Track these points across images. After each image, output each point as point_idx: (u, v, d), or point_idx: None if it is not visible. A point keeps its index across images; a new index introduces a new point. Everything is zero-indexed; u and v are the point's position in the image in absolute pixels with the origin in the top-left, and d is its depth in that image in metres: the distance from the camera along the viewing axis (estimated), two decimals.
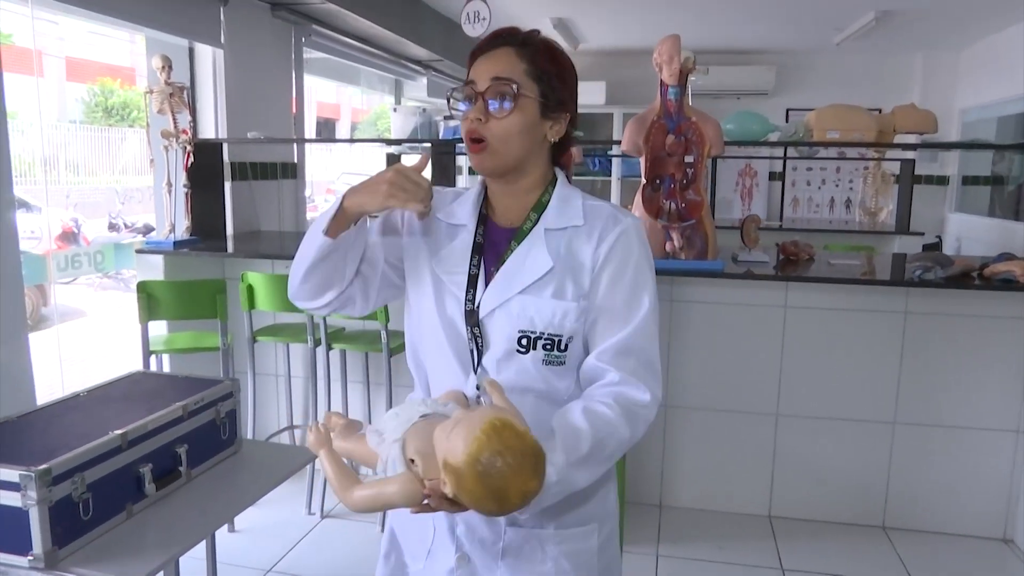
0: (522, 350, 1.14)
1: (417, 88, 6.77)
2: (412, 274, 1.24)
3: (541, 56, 1.17)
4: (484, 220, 1.23)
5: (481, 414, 0.95)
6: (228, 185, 3.93)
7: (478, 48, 1.18)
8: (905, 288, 2.94)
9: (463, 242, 1.21)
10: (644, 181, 2.94)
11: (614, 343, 1.14)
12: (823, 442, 3.10)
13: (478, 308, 1.16)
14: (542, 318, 1.13)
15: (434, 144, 4.04)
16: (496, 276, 1.16)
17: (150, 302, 3.02)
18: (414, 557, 1.26)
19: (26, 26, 3.49)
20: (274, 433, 3.47)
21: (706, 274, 2.97)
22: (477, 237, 1.21)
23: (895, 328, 2.99)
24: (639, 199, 2.95)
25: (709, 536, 3.02)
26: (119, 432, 1.45)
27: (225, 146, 3.87)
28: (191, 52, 3.88)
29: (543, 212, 1.19)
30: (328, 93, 12.10)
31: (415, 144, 4.54)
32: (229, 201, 3.93)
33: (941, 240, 5.97)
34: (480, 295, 1.16)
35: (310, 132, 7.29)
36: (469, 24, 3.81)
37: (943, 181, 6.87)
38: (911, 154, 5.34)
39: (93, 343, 5.96)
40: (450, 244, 1.22)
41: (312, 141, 5.39)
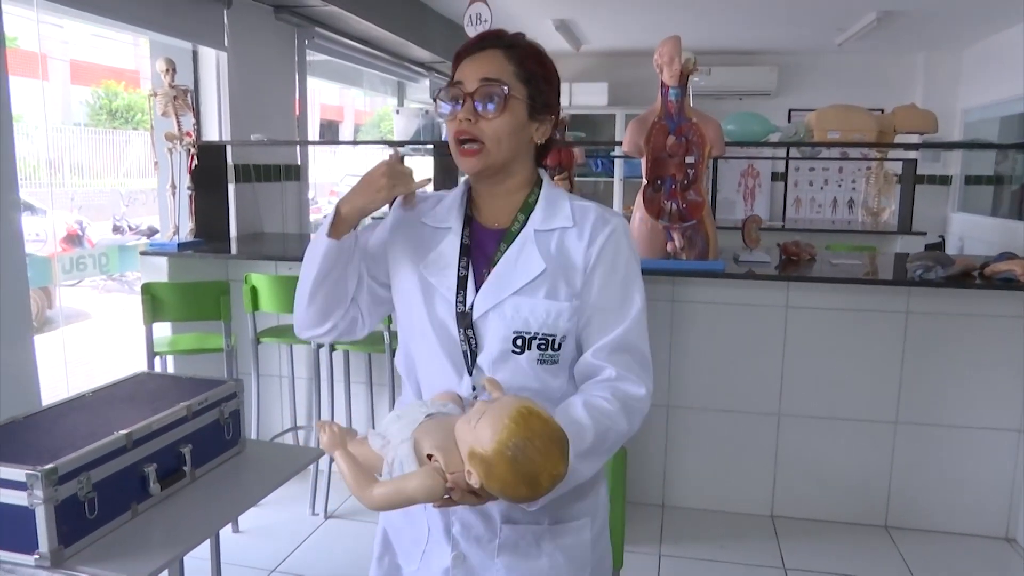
0: (517, 351, 1.15)
1: (420, 90, 6.79)
2: (399, 280, 1.24)
3: (529, 59, 1.18)
4: (469, 222, 1.24)
5: (506, 403, 0.96)
6: (232, 187, 3.95)
7: (464, 50, 1.19)
8: (907, 288, 2.94)
9: (450, 244, 1.21)
10: (645, 182, 2.95)
11: (609, 341, 1.16)
12: (825, 442, 3.11)
13: (471, 310, 1.16)
14: (536, 319, 1.14)
15: (436, 145, 4.06)
16: (489, 278, 1.17)
17: (154, 304, 3.04)
18: (408, 558, 1.26)
19: (31, 29, 3.52)
20: (278, 434, 3.48)
21: (707, 274, 2.98)
22: (464, 239, 1.22)
23: (896, 328, 2.99)
24: (640, 200, 2.97)
25: (711, 536, 3.02)
26: (124, 432, 1.46)
27: (229, 148, 3.89)
28: (195, 55, 3.90)
29: (530, 213, 1.21)
30: (331, 95, 12.11)
31: (418, 145, 4.55)
32: (233, 203, 3.96)
33: (944, 240, 5.96)
34: (471, 297, 1.17)
35: (313, 134, 7.30)
36: (472, 26, 3.81)
37: (946, 181, 6.87)
38: (913, 154, 5.34)
39: (98, 345, 5.98)
40: (437, 247, 1.22)
41: (315, 143, 5.42)
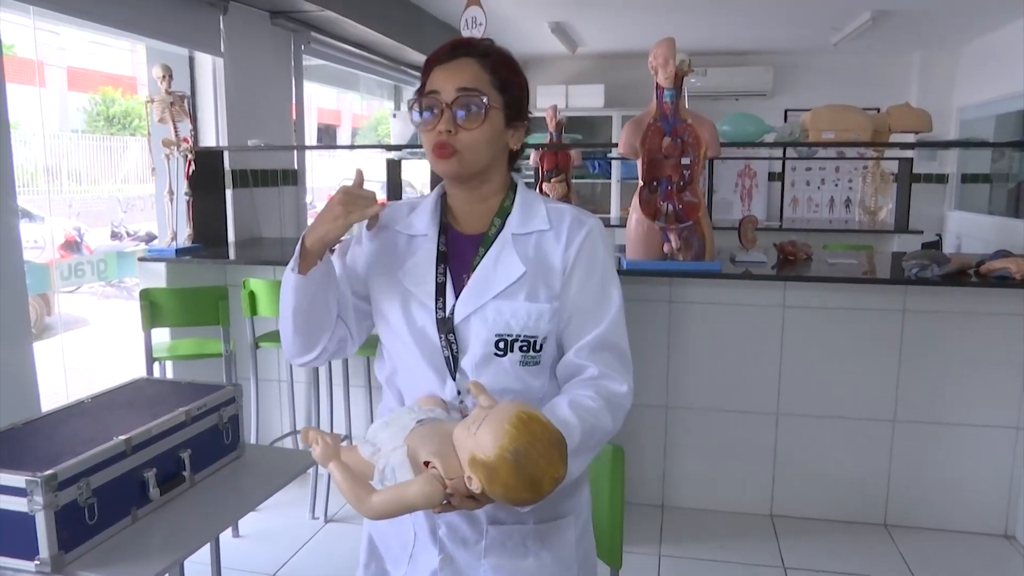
0: (500, 353, 1.16)
1: None
2: (378, 291, 1.25)
3: (503, 67, 1.19)
4: (445, 229, 1.24)
5: (505, 409, 0.97)
6: (229, 192, 3.95)
7: (436, 58, 1.19)
8: (903, 286, 2.95)
9: (427, 252, 1.22)
10: (641, 183, 2.96)
11: (590, 340, 1.18)
12: (824, 441, 3.11)
13: (452, 315, 1.17)
14: (518, 321, 1.16)
15: None
16: (469, 283, 1.18)
17: (153, 309, 3.05)
18: (396, 563, 1.27)
19: (28, 37, 3.53)
20: (277, 438, 3.49)
21: (704, 275, 2.99)
22: (440, 246, 1.22)
23: (893, 326, 3.00)
24: (637, 201, 2.97)
25: (711, 536, 3.03)
26: (123, 438, 1.47)
27: (226, 154, 3.90)
28: (191, 61, 3.91)
29: (507, 217, 1.22)
30: (328, 99, 12.14)
31: (415, 149, 4.56)
32: (230, 208, 3.96)
33: (941, 238, 5.97)
34: (450, 303, 1.18)
35: (311, 138, 7.32)
36: (468, 30, 3.83)
37: (942, 179, 6.88)
38: (909, 153, 5.35)
39: (97, 351, 5.98)
40: (413, 255, 1.23)
41: (311, 148, 5.42)
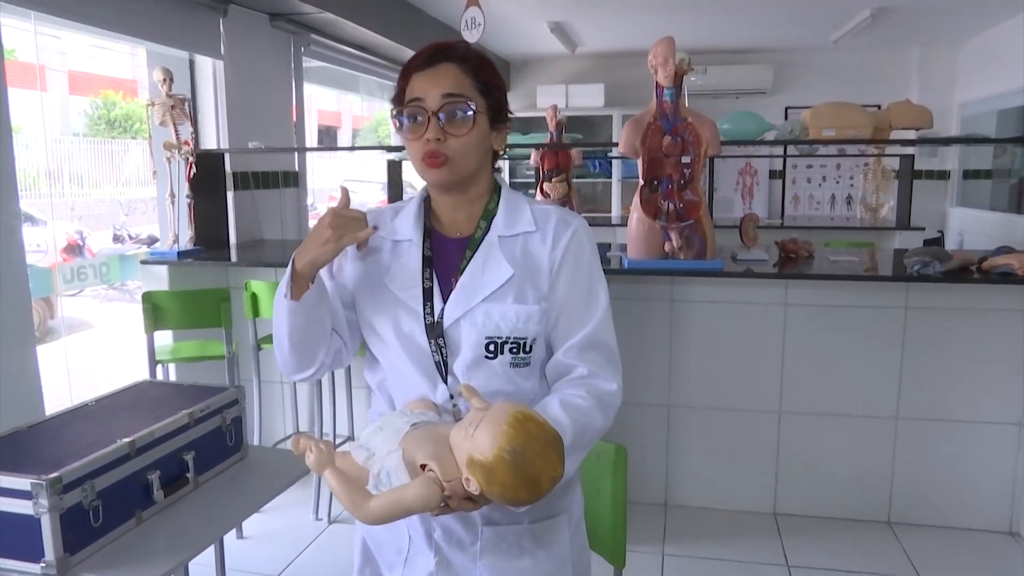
0: (490, 355, 1.16)
1: None
2: (364, 298, 1.24)
3: (483, 70, 1.19)
4: (429, 233, 1.24)
5: (501, 410, 0.98)
6: (230, 195, 3.96)
7: (416, 64, 1.18)
8: (905, 283, 2.95)
9: (412, 257, 1.22)
10: (642, 182, 2.96)
11: (579, 339, 1.18)
12: (826, 438, 3.11)
13: (441, 320, 1.17)
14: (507, 323, 1.16)
15: None
16: (457, 286, 1.18)
17: (155, 312, 3.06)
18: (391, 567, 1.27)
19: (29, 41, 3.53)
20: (280, 440, 3.49)
21: (705, 274, 2.99)
22: (425, 250, 1.22)
23: (895, 323, 3.00)
24: (637, 200, 2.97)
25: (714, 534, 3.03)
26: (127, 440, 1.47)
27: (227, 156, 3.90)
28: (191, 64, 3.92)
29: (492, 220, 1.22)
30: (329, 101, 12.14)
31: None
32: (232, 211, 3.97)
33: (943, 235, 5.97)
34: (438, 307, 1.17)
35: (311, 140, 7.32)
36: (468, 30, 3.83)
37: (944, 176, 6.87)
38: (911, 149, 5.34)
39: (100, 354, 5.99)
40: (399, 261, 1.22)
41: (312, 150, 5.43)
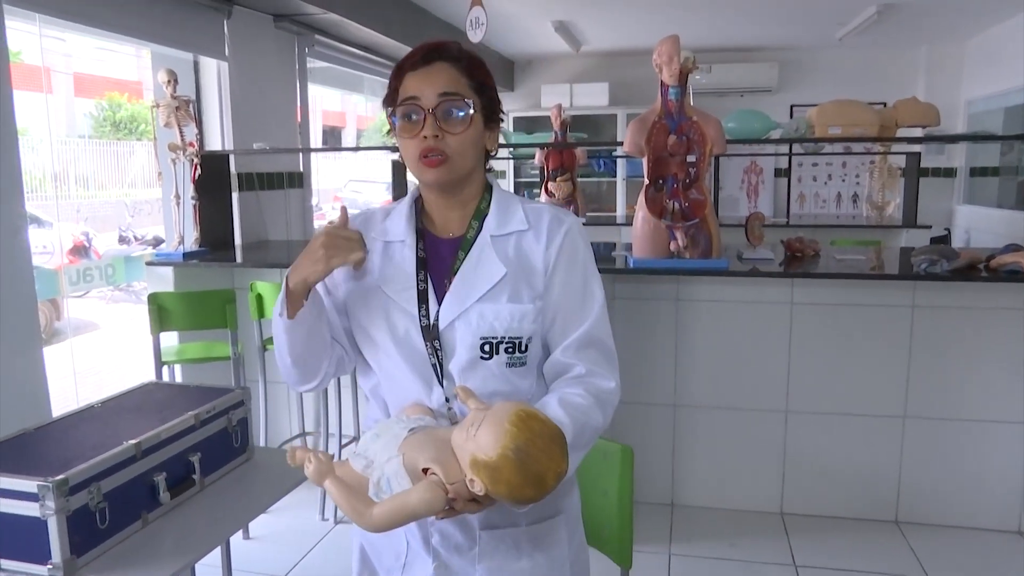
0: (485, 356, 1.15)
1: None
2: (357, 301, 1.23)
3: (477, 69, 1.19)
4: (422, 234, 1.23)
5: (503, 409, 0.98)
6: (235, 196, 3.97)
7: (410, 64, 1.18)
8: (912, 282, 2.93)
9: (406, 259, 1.21)
10: (647, 181, 2.95)
11: (576, 338, 1.17)
12: (833, 438, 3.10)
13: (436, 322, 1.16)
14: (502, 323, 1.15)
15: None
16: (451, 287, 1.17)
17: (161, 313, 3.06)
18: (389, 573, 1.26)
19: (34, 44, 3.54)
20: (286, 440, 3.50)
21: (711, 273, 2.98)
22: (419, 252, 1.21)
23: (903, 322, 2.98)
24: (643, 199, 2.97)
25: (721, 534, 3.02)
26: (133, 442, 1.47)
27: (232, 157, 3.91)
28: (196, 65, 3.93)
29: (484, 219, 1.21)
30: (333, 101, 12.16)
31: None
32: (237, 211, 3.98)
33: (950, 232, 5.94)
34: (433, 309, 1.17)
35: (316, 141, 7.33)
36: (472, 30, 3.84)
37: (950, 173, 6.84)
38: (917, 147, 5.32)
39: (106, 355, 6.00)
40: (392, 263, 1.21)
41: (316, 150, 5.43)
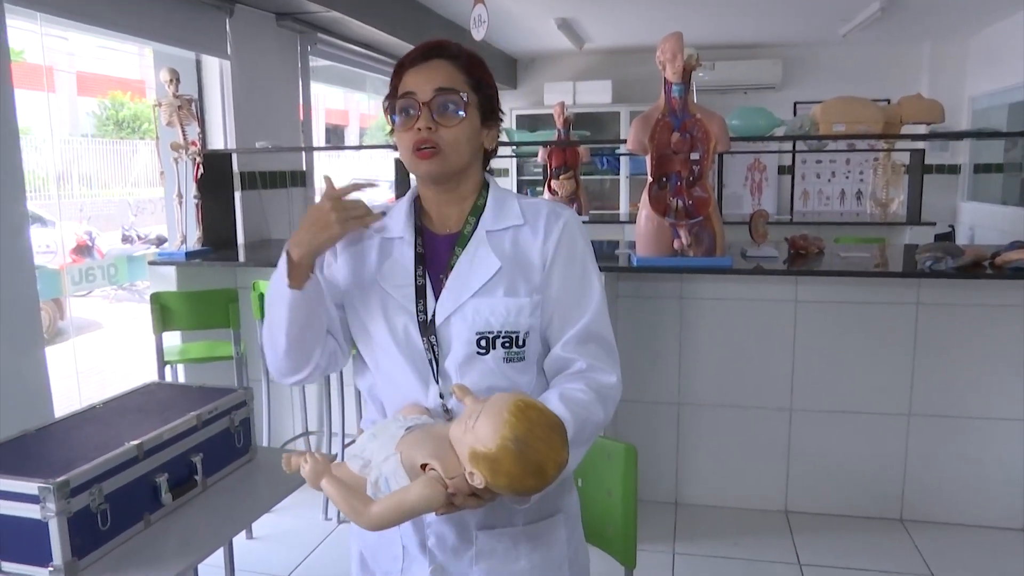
0: (482, 351, 1.15)
1: None
2: (355, 297, 1.23)
3: (475, 67, 1.19)
4: (420, 231, 1.23)
5: (501, 400, 0.97)
6: (238, 195, 3.97)
7: (408, 61, 1.19)
8: (916, 279, 2.92)
9: (404, 255, 1.21)
10: (651, 179, 2.94)
11: (576, 333, 1.17)
12: (838, 436, 3.09)
13: (433, 317, 1.16)
14: (498, 318, 1.15)
15: None
16: (447, 283, 1.17)
17: (164, 313, 3.06)
18: None
19: (36, 43, 3.54)
20: (289, 440, 3.50)
21: (715, 271, 2.97)
22: (417, 247, 1.21)
23: (907, 320, 2.97)
24: (646, 197, 2.96)
25: (725, 532, 3.01)
26: (135, 443, 1.47)
27: (234, 156, 3.91)
28: (198, 64, 3.92)
29: (480, 215, 1.21)
30: (336, 99, 12.15)
31: None
32: (239, 210, 3.97)
33: (954, 229, 5.93)
34: (432, 305, 1.17)
35: (319, 139, 7.33)
36: (475, 27, 3.84)
37: (954, 170, 6.82)
38: (921, 144, 5.30)
39: (109, 355, 6.01)
40: (390, 258, 1.21)
41: (319, 149, 5.43)
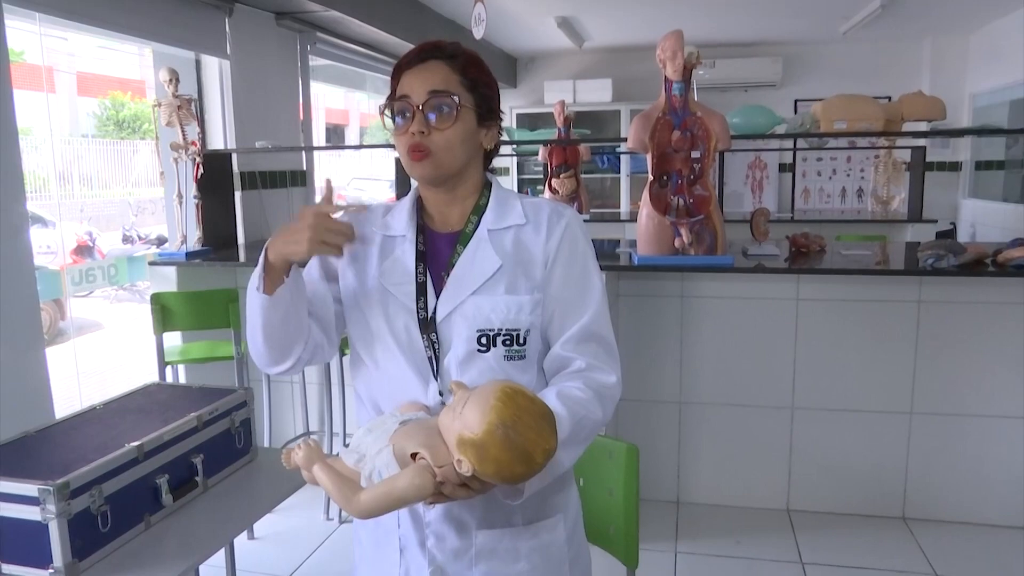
0: (482, 349, 1.15)
1: None
2: (354, 293, 1.23)
3: (471, 67, 1.19)
4: (422, 229, 1.24)
5: (489, 386, 0.97)
6: (238, 195, 3.96)
7: (405, 63, 1.19)
8: (918, 277, 2.91)
9: (406, 252, 1.21)
10: (651, 178, 2.94)
11: (576, 331, 1.17)
12: (840, 434, 3.08)
13: (434, 315, 1.16)
14: (498, 315, 1.14)
15: None
16: (448, 281, 1.17)
17: (164, 313, 3.05)
18: None
19: (36, 43, 3.53)
20: (290, 440, 3.49)
21: (716, 269, 2.96)
22: (419, 245, 1.21)
23: (909, 318, 2.96)
24: (647, 196, 2.95)
25: (727, 531, 3.01)
26: (135, 444, 1.47)
27: (234, 156, 3.90)
28: (198, 64, 3.92)
29: (482, 214, 1.22)
30: (336, 99, 12.16)
31: None
32: (239, 210, 3.97)
33: (955, 227, 5.92)
34: (432, 302, 1.17)
35: (319, 139, 7.34)
36: (475, 26, 3.84)
37: (955, 167, 6.81)
38: (922, 141, 5.29)
39: (110, 355, 6.01)
40: (391, 256, 1.22)
41: (320, 148, 5.42)
